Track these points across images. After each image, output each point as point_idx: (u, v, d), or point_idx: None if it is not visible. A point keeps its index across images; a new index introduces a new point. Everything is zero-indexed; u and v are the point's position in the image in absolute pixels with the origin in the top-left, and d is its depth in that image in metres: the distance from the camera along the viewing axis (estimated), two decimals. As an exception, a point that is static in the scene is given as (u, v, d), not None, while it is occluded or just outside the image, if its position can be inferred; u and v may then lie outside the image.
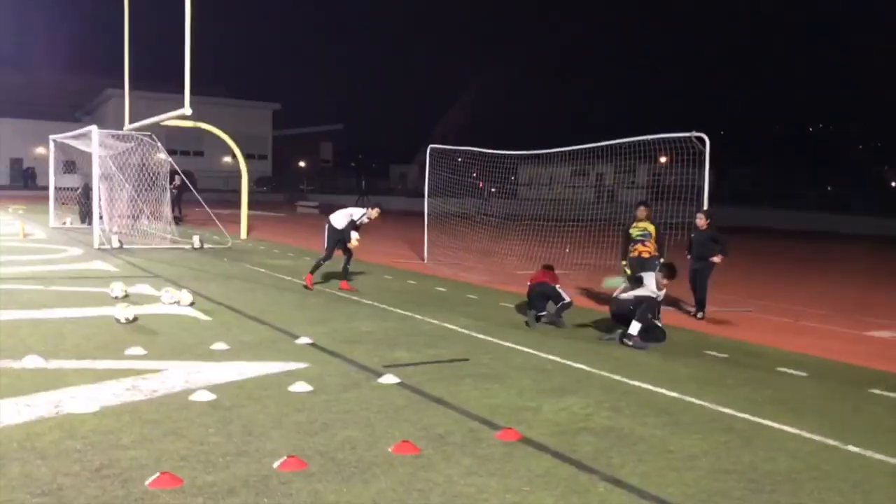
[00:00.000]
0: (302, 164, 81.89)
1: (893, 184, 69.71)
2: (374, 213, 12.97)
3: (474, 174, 21.39)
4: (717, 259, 10.97)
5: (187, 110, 18.51)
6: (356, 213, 12.82)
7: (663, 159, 15.82)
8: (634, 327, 8.66)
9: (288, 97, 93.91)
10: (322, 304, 11.17)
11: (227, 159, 66.99)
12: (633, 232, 11.13)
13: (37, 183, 62.09)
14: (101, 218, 19.28)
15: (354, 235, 12.46)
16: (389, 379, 6.73)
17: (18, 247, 17.89)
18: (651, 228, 11.02)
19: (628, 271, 10.65)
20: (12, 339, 7.79)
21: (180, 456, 4.70)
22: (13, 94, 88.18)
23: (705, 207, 11.48)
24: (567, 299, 9.98)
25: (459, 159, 19.98)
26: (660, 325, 9.30)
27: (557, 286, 10.08)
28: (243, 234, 23.29)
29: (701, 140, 11.24)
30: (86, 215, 24.30)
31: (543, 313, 10.05)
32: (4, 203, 41.95)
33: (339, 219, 12.59)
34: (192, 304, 10.28)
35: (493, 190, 24.86)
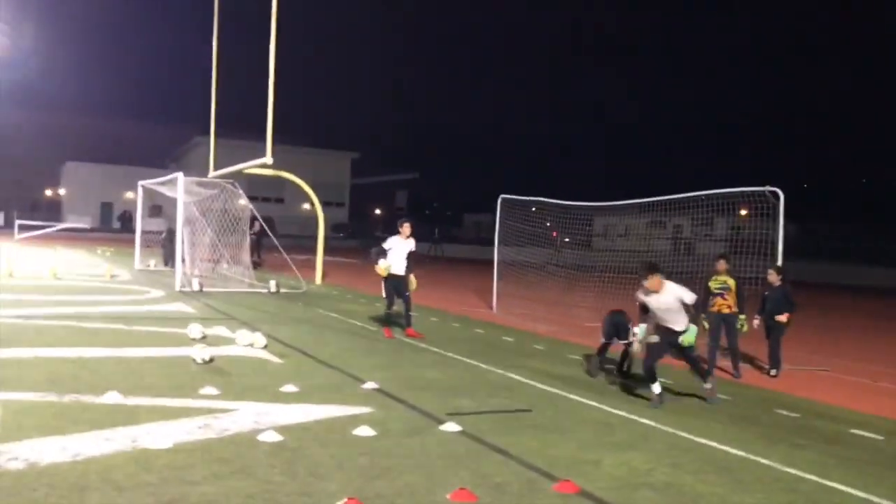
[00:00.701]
0: (377, 211, 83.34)
1: None
2: (405, 228, 12.68)
3: (548, 223, 21.45)
4: (782, 318, 10.75)
5: (269, 160, 19.28)
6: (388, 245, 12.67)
7: (743, 212, 15.64)
8: (653, 388, 8.46)
9: (366, 146, 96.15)
10: (390, 349, 11.36)
11: (306, 206, 68.69)
12: (713, 285, 10.94)
13: (132, 226, 64.97)
14: (183, 261, 20.07)
15: (382, 262, 12.41)
16: (451, 427, 6.82)
17: (105, 287, 18.75)
18: (731, 282, 10.81)
19: (706, 325, 10.53)
20: (95, 375, 8.20)
21: (247, 494, 4.89)
22: (106, 141, 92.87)
23: (779, 263, 11.29)
24: (632, 339, 9.76)
25: (534, 209, 20.09)
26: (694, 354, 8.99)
27: (630, 324, 10.00)
28: (318, 280, 23.83)
29: (775, 194, 11.12)
30: (169, 258, 25.31)
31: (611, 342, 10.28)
32: (94, 245, 43.93)
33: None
34: (265, 347, 10.61)
35: (566, 240, 24.87)
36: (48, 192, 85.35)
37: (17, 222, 51.74)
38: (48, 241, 45.18)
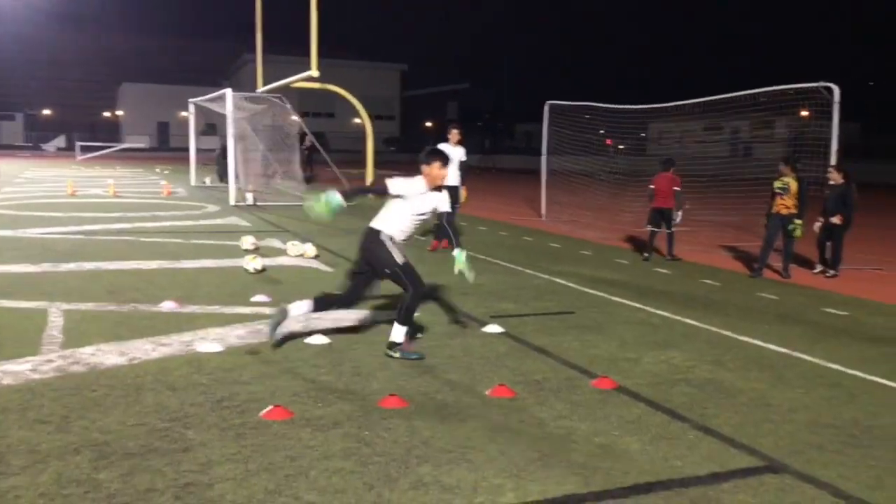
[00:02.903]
0: (428, 124, 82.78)
1: None
2: (454, 134, 12.26)
3: (602, 130, 21.06)
4: (835, 220, 10.51)
5: (314, 72, 19.21)
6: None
7: (804, 113, 15.13)
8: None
9: (415, 57, 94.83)
10: (439, 258, 11.47)
11: (357, 120, 68.58)
12: (775, 185, 10.73)
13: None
14: (236, 177, 20.39)
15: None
16: (494, 328, 6.95)
17: (162, 203, 19.24)
18: (793, 184, 10.55)
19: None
20: (152, 286, 8.52)
21: (293, 392, 5.10)
22: (160, 61, 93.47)
23: (833, 162, 10.96)
24: (676, 221, 11.83)
25: (587, 116, 19.70)
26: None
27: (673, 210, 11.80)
28: (368, 192, 23.99)
29: (829, 90, 10.70)
30: (223, 174, 25.72)
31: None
32: (152, 164, 44.84)
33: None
34: (316, 257, 10.84)
35: (620, 147, 24.44)
36: (106, 114, 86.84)
37: (78, 144, 53.01)
38: (108, 161, 46.27)
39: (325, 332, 6.60)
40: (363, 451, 4.15)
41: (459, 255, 6.17)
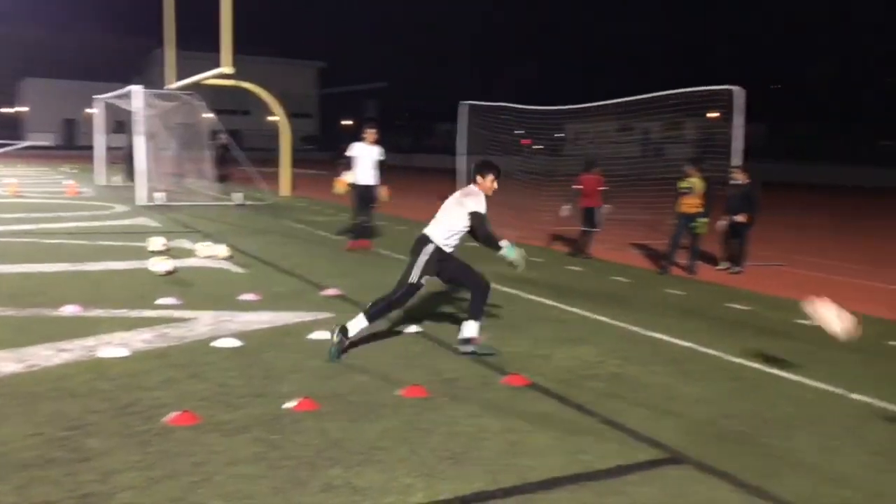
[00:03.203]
0: (348, 122, 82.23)
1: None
2: (369, 133, 12.17)
3: (521, 131, 21.27)
4: (739, 218, 10.95)
5: (227, 69, 18.86)
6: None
7: (713, 115, 15.65)
8: None
9: (333, 55, 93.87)
10: (356, 258, 11.42)
11: (274, 118, 67.64)
12: (681, 185, 11.09)
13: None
14: (146, 176, 19.80)
15: (345, 175, 12.04)
16: (410, 328, 6.96)
17: (68, 203, 18.53)
18: (698, 183, 10.92)
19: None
20: (55, 290, 8.19)
21: (201, 397, 4.98)
22: (66, 54, 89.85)
23: (736, 162, 11.39)
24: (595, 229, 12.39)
25: (504, 116, 19.88)
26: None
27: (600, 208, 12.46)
28: (285, 192, 23.68)
29: (732, 93, 11.11)
30: (132, 173, 24.95)
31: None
32: (58, 163, 43.13)
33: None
34: (228, 258, 10.62)
35: (537, 147, 24.75)
36: (6, 110, 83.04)
37: (-24, 141, 50.56)
38: (9, 159, 44.27)
39: (236, 335, 6.47)
40: (272, 455, 4.09)
41: (509, 250, 6.46)
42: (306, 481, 3.80)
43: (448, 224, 6.34)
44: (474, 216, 6.25)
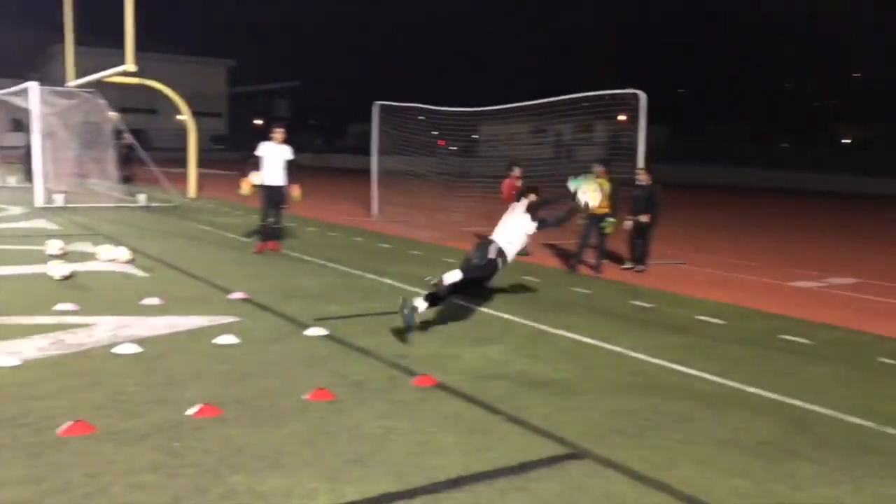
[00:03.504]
0: (259, 122, 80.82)
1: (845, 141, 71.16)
2: (278, 133, 11.97)
3: (436, 132, 21.33)
4: (643, 219, 11.28)
5: (130, 66, 18.27)
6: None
7: (622, 118, 16.05)
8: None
9: (243, 53, 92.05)
10: (264, 260, 11.24)
11: (181, 117, 65.89)
12: None
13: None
14: (44, 176, 18.99)
15: (252, 176, 11.84)
16: (317, 331, 6.88)
17: (-41, 206, 17.61)
18: (606, 185, 11.15)
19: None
20: (-59, 296, 7.77)
21: (97, 405, 4.81)
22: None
23: (640, 164, 11.72)
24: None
25: (420, 117, 19.91)
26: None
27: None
28: (192, 193, 23.10)
29: (635, 97, 11.43)
30: (30, 174, 23.89)
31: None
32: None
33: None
34: (130, 262, 10.29)
35: (452, 148, 24.86)
36: None
37: None
38: None
39: (137, 341, 6.28)
40: (171, 464, 3.99)
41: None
42: (207, 489, 3.72)
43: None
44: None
